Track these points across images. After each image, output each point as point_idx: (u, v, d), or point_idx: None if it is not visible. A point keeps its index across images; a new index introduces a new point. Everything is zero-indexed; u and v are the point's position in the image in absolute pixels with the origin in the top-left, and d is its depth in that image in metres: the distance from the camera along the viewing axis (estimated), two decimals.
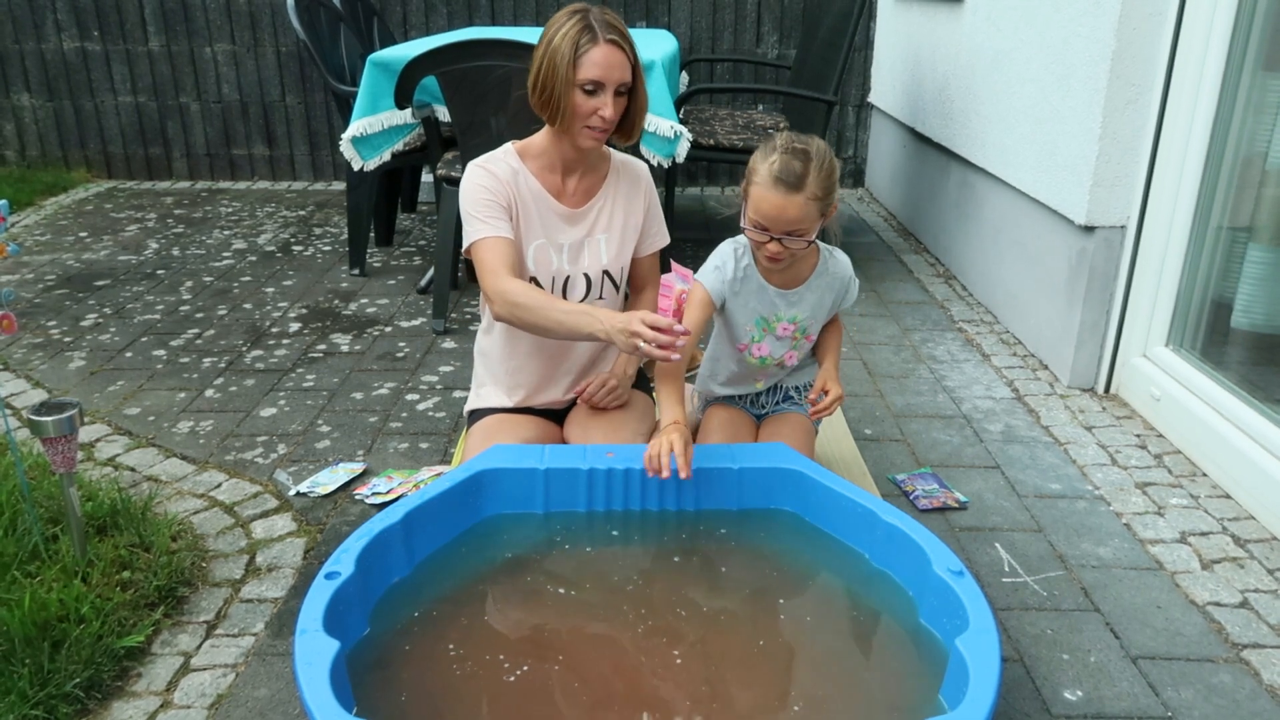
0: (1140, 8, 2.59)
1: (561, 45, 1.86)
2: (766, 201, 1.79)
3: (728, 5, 5.26)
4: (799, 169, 1.77)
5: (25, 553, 1.92)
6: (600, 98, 1.89)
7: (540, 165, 2.04)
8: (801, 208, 1.78)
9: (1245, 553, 2.13)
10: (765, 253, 1.87)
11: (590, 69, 1.86)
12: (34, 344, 3.27)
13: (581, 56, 1.85)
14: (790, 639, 1.56)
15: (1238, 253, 2.56)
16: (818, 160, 1.80)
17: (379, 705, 1.36)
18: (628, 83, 1.92)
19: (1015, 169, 3.29)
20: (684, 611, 1.60)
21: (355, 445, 2.59)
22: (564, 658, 1.49)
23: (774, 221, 1.80)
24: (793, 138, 1.83)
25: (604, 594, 1.65)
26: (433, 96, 3.36)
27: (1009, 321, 3.42)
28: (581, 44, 1.85)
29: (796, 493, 1.82)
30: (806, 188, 1.78)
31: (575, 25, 1.87)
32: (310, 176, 5.67)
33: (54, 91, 5.47)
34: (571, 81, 1.87)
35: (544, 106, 1.93)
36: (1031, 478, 2.45)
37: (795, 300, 1.99)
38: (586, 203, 2.07)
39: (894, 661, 1.55)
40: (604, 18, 1.89)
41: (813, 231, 1.85)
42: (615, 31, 1.88)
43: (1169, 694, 1.72)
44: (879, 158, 5.31)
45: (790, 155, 1.79)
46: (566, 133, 1.95)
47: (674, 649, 1.50)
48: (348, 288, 3.87)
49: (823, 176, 1.80)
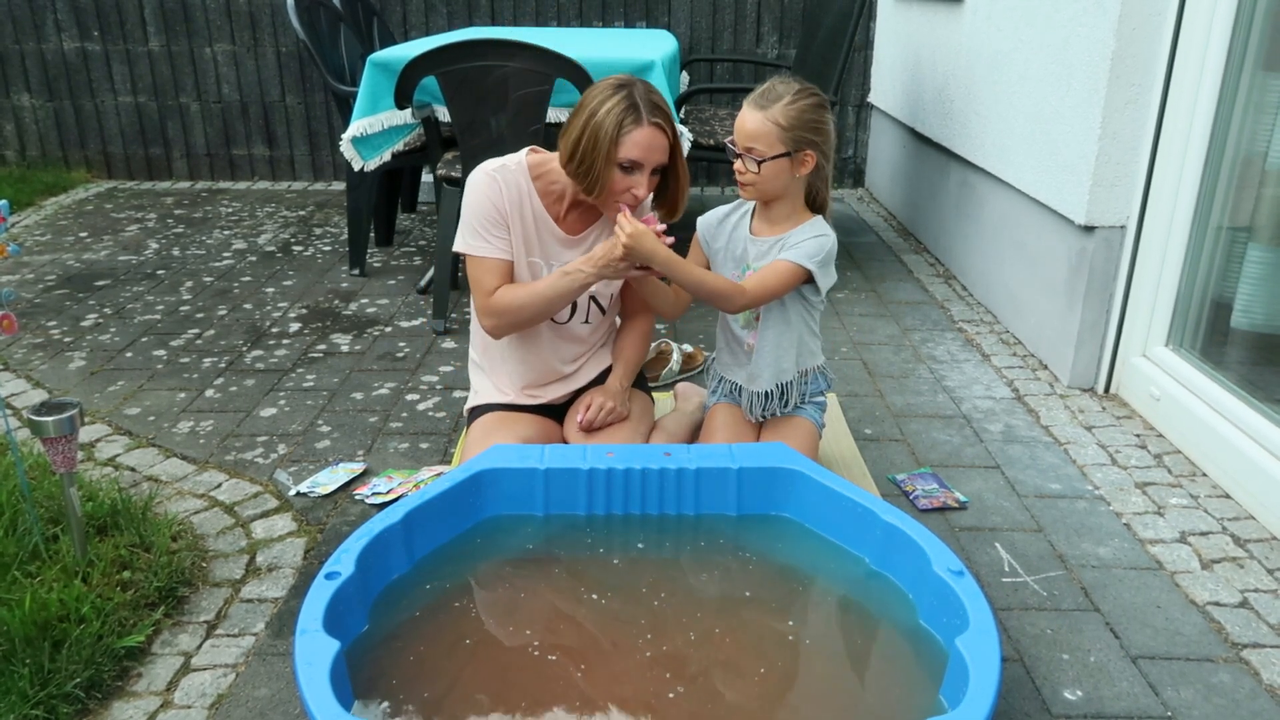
0: (1140, 8, 2.59)
1: (605, 121, 1.85)
2: (740, 116, 1.94)
3: (728, 5, 5.26)
4: (776, 93, 1.90)
5: (26, 553, 1.92)
6: (636, 176, 1.91)
7: (549, 189, 2.05)
8: (759, 123, 1.89)
9: (1245, 552, 2.13)
10: (736, 171, 1.98)
11: (631, 149, 1.87)
12: (34, 344, 3.27)
13: (624, 136, 1.86)
14: (790, 639, 1.56)
15: (1237, 252, 2.56)
16: (799, 96, 1.91)
17: (379, 705, 1.36)
18: (664, 164, 1.95)
19: (1015, 169, 3.29)
20: (684, 612, 1.60)
21: (355, 445, 2.60)
22: (563, 658, 1.49)
23: (738, 134, 1.93)
24: (795, 77, 1.96)
25: (603, 594, 1.65)
26: (433, 96, 3.36)
27: (1009, 321, 3.42)
28: (626, 123, 1.86)
29: (796, 493, 1.82)
30: (771, 109, 1.89)
31: (621, 103, 1.86)
32: (310, 176, 5.67)
33: (54, 91, 5.47)
34: (612, 159, 1.87)
35: (580, 176, 1.93)
36: (1031, 478, 2.45)
37: (765, 248, 2.05)
38: (583, 230, 2.08)
39: (894, 661, 1.55)
40: (649, 97, 1.89)
41: (767, 155, 1.91)
42: (660, 114, 1.89)
43: (1169, 694, 1.72)
44: (879, 158, 5.31)
45: (778, 81, 1.93)
46: (596, 202, 1.98)
47: (673, 650, 1.51)
48: (348, 288, 3.87)
49: (794, 110, 1.89)
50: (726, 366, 2.20)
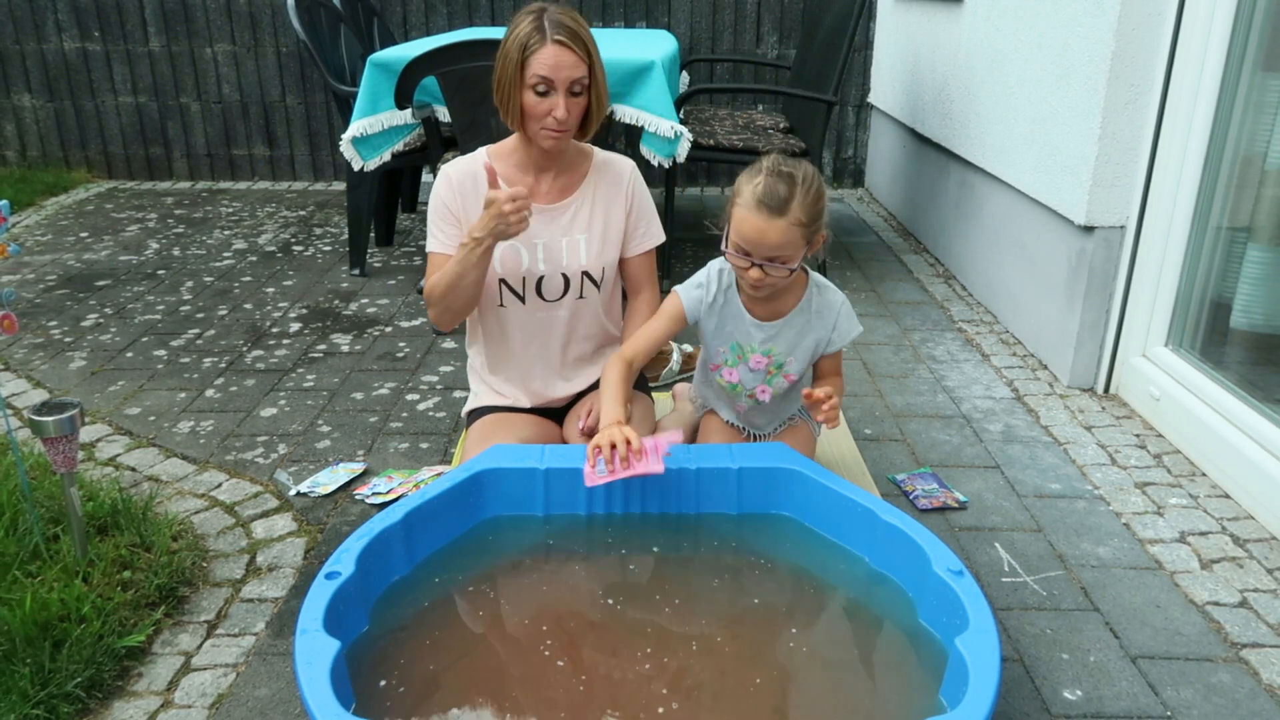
0: (1140, 8, 2.59)
1: (511, 47, 1.86)
2: (748, 224, 1.73)
3: (728, 5, 5.26)
4: (783, 192, 1.71)
5: (26, 552, 1.93)
6: (552, 98, 1.87)
7: (511, 165, 2.03)
8: (783, 233, 1.72)
9: (1244, 552, 2.13)
10: (747, 279, 1.81)
11: (538, 68, 1.84)
12: (35, 344, 3.28)
13: (530, 57, 1.84)
14: (790, 639, 1.56)
15: (1237, 253, 2.56)
16: (804, 185, 1.73)
17: (379, 705, 1.36)
18: (582, 81, 1.89)
19: (1015, 169, 3.29)
20: (684, 612, 1.60)
21: (355, 445, 2.60)
22: (563, 658, 1.49)
23: (755, 246, 1.74)
24: (780, 160, 1.77)
25: (604, 594, 1.65)
26: (433, 96, 3.37)
27: (1008, 321, 3.43)
28: (530, 45, 1.84)
29: (796, 493, 1.82)
30: (790, 212, 1.71)
31: (527, 26, 1.85)
32: (310, 176, 5.68)
33: (55, 92, 5.47)
34: (519, 82, 1.86)
35: (502, 108, 1.92)
36: (1031, 478, 2.45)
37: (772, 333, 1.93)
38: (561, 200, 2.04)
39: (894, 661, 1.55)
40: (558, 17, 1.86)
41: (795, 259, 1.78)
42: (564, 30, 1.85)
43: (1168, 693, 1.72)
44: (879, 158, 5.31)
45: (775, 178, 1.72)
46: (525, 133, 1.95)
47: (674, 650, 1.51)
48: (348, 288, 3.87)
49: (808, 202, 1.73)
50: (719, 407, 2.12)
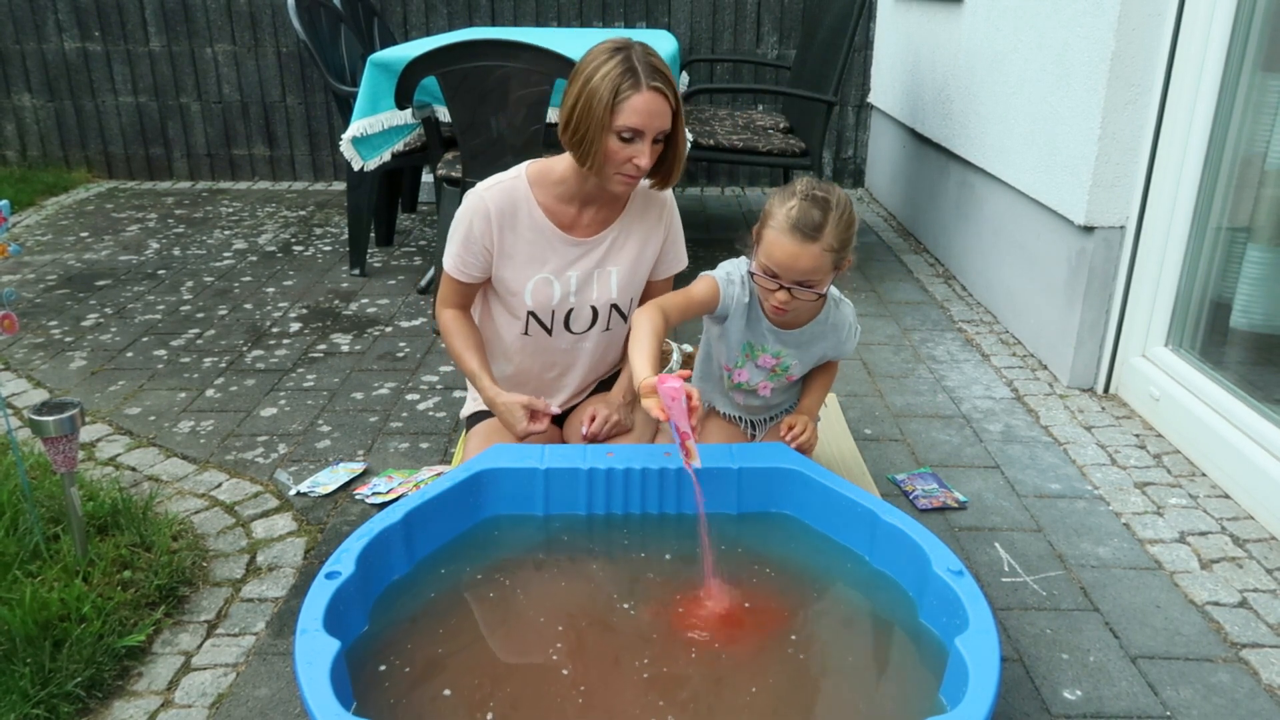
0: (1140, 8, 2.59)
1: (600, 87, 1.73)
2: (780, 248, 1.71)
3: (728, 5, 5.26)
4: (818, 218, 1.69)
5: (26, 552, 1.93)
6: (637, 145, 1.76)
7: (555, 195, 1.94)
8: (816, 258, 1.71)
9: (1244, 552, 2.13)
10: (772, 301, 1.79)
11: (630, 116, 1.73)
12: (35, 344, 3.28)
13: (621, 102, 1.73)
14: (790, 639, 1.56)
15: (1237, 253, 2.56)
16: (838, 210, 1.72)
17: (379, 705, 1.36)
18: (667, 130, 1.80)
19: (1015, 169, 3.29)
20: (684, 613, 1.60)
21: (355, 445, 2.60)
22: (563, 658, 1.49)
23: (786, 270, 1.73)
24: (813, 184, 1.75)
25: (604, 595, 1.65)
26: (433, 96, 3.36)
27: (1008, 321, 3.43)
28: (622, 89, 1.72)
29: (796, 493, 1.82)
30: (823, 238, 1.70)
31: (617, 67, 1.73)
32: (310, 176, 5.68)
33: (55, 92, 5.47)
34: (607, 127, 1.74)
35: (575, 146, 1.81)
36: (1031, 478, 2.45)
37: (787, 340, 1.93)
38: (599, 233, 1.97)
39: (894, 661, 1.55)
40: (648, 60, 1.76)
41: (825, 284, 1.77)
42: (660, 78, 1.75)
43: (1168, 693, 1.73)
44: (879, 158, 5.31)
45: (810, 203, 1.70)
46: (596, 175, 1.84)
47: (673, 650, 1.51)
48: (348, 288, 3.87)
49: (841, 228, 1.72)
50: (715, 398, 2.11)
